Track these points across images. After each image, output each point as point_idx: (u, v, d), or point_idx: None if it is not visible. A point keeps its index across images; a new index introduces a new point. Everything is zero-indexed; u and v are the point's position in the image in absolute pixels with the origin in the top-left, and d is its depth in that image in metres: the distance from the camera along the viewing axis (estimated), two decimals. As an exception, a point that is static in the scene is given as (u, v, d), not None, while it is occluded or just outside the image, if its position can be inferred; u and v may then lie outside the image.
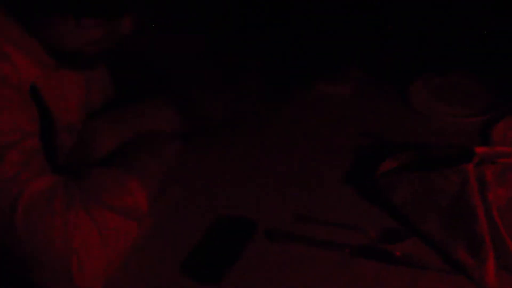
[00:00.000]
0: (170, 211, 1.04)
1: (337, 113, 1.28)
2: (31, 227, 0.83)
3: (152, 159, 1.05)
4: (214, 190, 1.09)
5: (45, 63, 0.99)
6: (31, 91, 0.96)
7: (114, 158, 1.04)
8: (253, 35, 1.46)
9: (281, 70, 1.40)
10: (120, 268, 0.93)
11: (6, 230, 0.83)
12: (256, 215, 1.00)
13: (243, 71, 1.33)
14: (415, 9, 1.41)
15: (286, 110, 1.31)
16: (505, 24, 1.34)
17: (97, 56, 1.06)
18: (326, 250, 0.93)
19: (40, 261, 0.84)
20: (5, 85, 0.88)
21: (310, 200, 1.04)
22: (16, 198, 0.83)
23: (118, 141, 1.08)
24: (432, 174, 0.95)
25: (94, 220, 0.87)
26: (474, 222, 0.89)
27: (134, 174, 0.96)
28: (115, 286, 0.91)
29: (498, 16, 1.36)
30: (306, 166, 1.13)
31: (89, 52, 0.98)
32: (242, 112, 1.26)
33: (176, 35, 1.33)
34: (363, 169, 1.07)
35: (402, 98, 1.30)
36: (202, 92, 1.23)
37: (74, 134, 1.07)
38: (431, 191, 0.95)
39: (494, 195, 0.91)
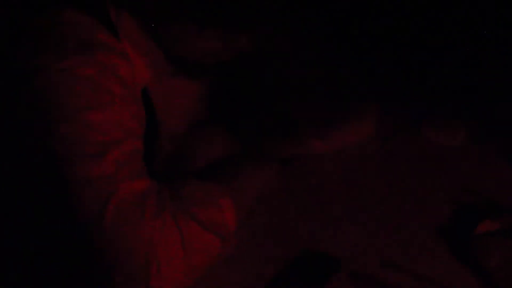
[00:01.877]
0: (253, 236, 1.02)
1: (441, 162, 1.23)
2: (118, 227, 0.83)
3: (248, 178, 1.05)
4: (301, 220, 1.06)
5: (161, 68, 1.00)
6: (142, 94, 0.98)
7: (212, 171, 1.05)
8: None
9: (393, 108, 1.36)
10: (196, 285, 0.91)
11: (94, 226, 0.84)
12: (340, 254, 0.97)
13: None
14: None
15: (388, 151, 1.27)
16: None
17: (213, 69, 1.07)
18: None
19: (120, 263, 0.84)
20: (120, 84, 0.89)
21: (400, 246, 1.00)
22: (109, 196, 0.83)
23: (219, 154, 1.09)
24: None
25: (180, 231, 0.87)
26: None
27: (227, 191, 0.96)
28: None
29: None
30: (399, 211, 1.09)
31: (207, 63, 0.99)
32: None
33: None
34: (459, 226, 1.03)
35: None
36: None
37: (175, 141, 1.09)
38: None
39: None
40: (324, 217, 1.08)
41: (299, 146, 1.15)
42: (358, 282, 0.93)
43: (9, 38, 0.91)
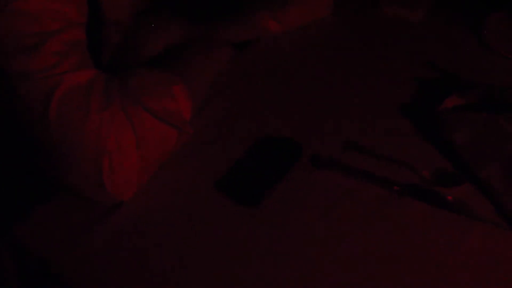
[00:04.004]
0: (213, 124, 0.97)
1: (403, 39, 1.18)
2: (64, 123, 0.78)
3: (202, 63, 1.00)
4: (262, 107, 1.01)
5: None
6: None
7: (163, 58, 0.99)
8: None
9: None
10: (154, 179, 0.87)
11: (39, 125, 0.78)
12: (303, 139, 0.93)
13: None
14: None
15: (347, 30, 1.21)
16: None
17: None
18: (373, 185, 0.87)
19: (70, 160, 0.80)
20: None
21: (362, 129, 0.97)
22: (52, 90, 0.77)
23: (169, 41, 1.04)
24: (501, 117, 0.88)
25: (131, 121, 0.82)
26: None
27: (180, 77, 0.91)
28: (146, 197, 0.86)
29: None
30: (362, 92, 1.05)
31: None
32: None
33: None
34: (424, 103, 0.99)
35: (477, 32, 1.19)
36: None
37: (122, 30, 1.02)
38: (498, 136, 0.87)
39: None
40: (284, 101, 1.03)
41: (255, 28, 1.12)
42: (321, 165, 0.90)
43: None
